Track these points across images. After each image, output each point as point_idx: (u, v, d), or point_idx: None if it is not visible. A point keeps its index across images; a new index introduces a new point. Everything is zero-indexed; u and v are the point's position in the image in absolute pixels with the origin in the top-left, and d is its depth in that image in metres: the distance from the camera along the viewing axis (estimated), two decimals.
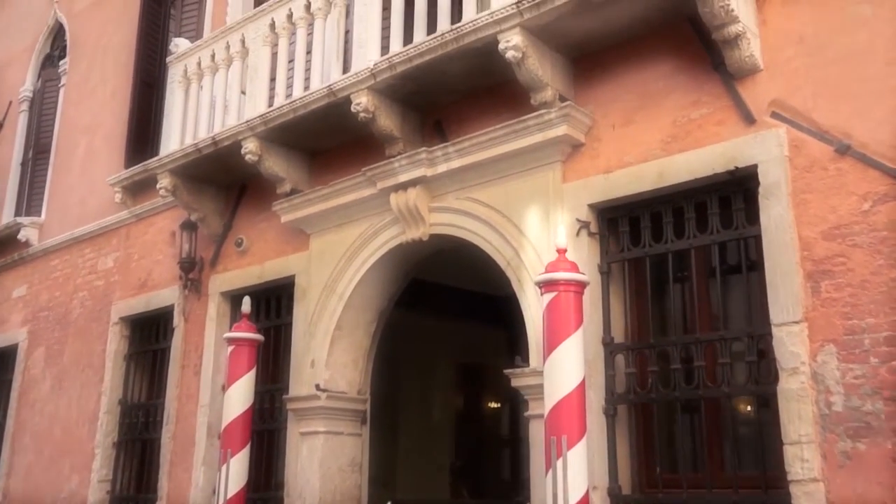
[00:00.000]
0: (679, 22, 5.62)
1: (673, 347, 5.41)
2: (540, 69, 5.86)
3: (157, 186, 8.50)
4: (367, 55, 6.71)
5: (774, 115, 5.16)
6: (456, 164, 6.46)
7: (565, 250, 5.27)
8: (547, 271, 5.21)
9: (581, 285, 5.19)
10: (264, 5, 7.89)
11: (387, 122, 6.76)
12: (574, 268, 5.20)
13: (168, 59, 8.85)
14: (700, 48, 5.55)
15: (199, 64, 8.40)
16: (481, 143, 6.27)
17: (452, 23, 6.24)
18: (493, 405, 11.45)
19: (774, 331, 4.84)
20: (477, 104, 6.68)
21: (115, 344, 9.93)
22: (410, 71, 6.42)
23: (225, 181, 8.58)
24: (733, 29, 5.12)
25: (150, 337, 9.73)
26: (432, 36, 6.19)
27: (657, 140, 5.62)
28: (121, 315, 9.95)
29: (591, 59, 6.05)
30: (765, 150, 5.10)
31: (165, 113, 8.92)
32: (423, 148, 6.61)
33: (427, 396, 10.82)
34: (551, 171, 6.06)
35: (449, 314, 9.79)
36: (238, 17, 9.21)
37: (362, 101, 6.64)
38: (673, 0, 5.42)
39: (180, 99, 8.56)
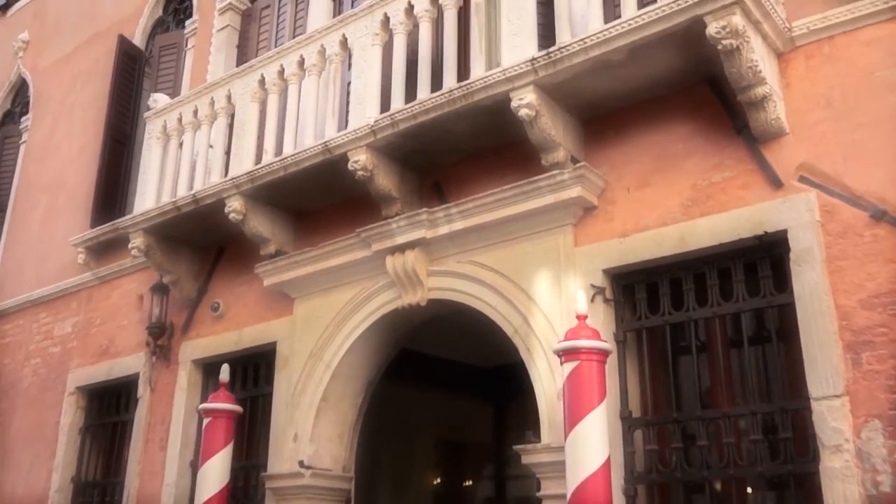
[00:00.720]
0: (697, 83, 5.48)
1: (698, 422, 5.08)
2: (553, 128, 5.64)
3: (130, 246, 8.01)
4: (367, 112, 6.44)
5: (803, 179, 4.99)
6: (459, 225, 6.16)
7: (586, 316, 4.96)
8: (567, 339, 4.88)
9: (604, 354, 4.87)
10: (254, 61, 7.61)
11: (385, 181, 6.46)
12: (596, 335, 4.89)
13: (146, 114, 8.46)
14: (719, 110, 5.40)
15: (179, 119, 8.03)
16: (487, 205, 5.99)
17: (458, 80, 6.02)
18: (473, 483, 10.91)
19: (814, 405, 4.56)
20: (479, 165, 6.43)
21: (69, 416, 9.24)
22: (413, 129, 6.15)
23: (202, 242, 8.13)
24: (760, 91, 4.98)
25: (109, 408, 9.07)
26: (439, 92, 5.94)
27: (676, 203, 5.40)
28: (78, 384, 9.28)
29: (603, 119, 5.86)
30: (795, 214, 4.90)
31: (141, 170, 8.48)
32: (424, 209, 6.30)
33: (405, 475, 10.24)
34: (562, 235, 5.78)
35: (431, 385, 9.33)
36: (220, 73, 8.95)
37: (361, 159, 6.33)
38: (693, 60, 5.28)
39: (157, 155, 8.15)
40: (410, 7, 6.48)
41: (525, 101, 5.51)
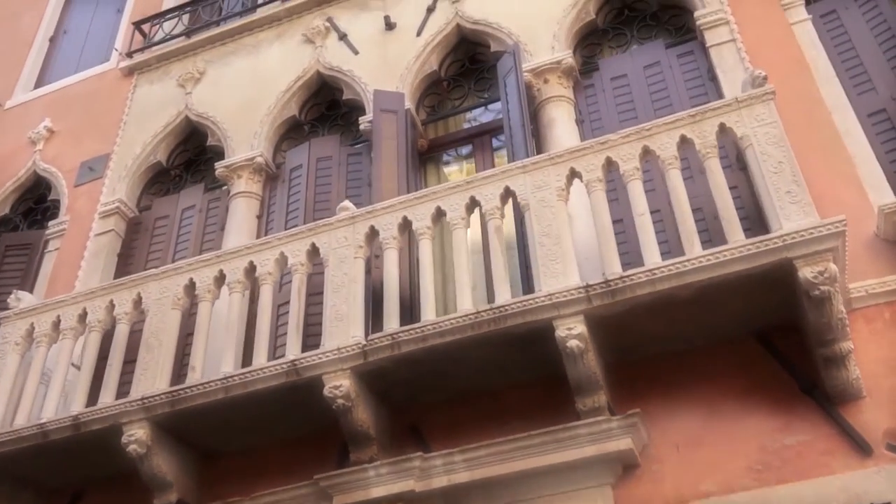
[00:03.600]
0: (748, 336, 5.04)
1: None
2: (596, 366, 4.89)
3: None
4: (350, 331, 5.34)
5: (890, 447, 4.51)
6: (462, 477, 5.00)
7: None
8: None
9: None
10: (180, 263, 6.33)
11: (364, 415, 5.25)
12: None
13: (3, 313, 6.68)
14: (775, 367, 4.95)
15: (56, 324, 6.38)
16: (504, 453, 4.95)
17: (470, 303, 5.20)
18: None
19: None
20: (473, 407, 5.43)
21: None
22: (418, 353, 5.13)
23: (56, 483, 6.16)
24: (845, 346, 4.60)
25: None
26: (462, 313, 5.04)
27: (743, 467, 4.70)
28: None
29: (641, 363, 5.19)
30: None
31: None
32: (418, 453, 5.10)
33: None
34: (600, 497, 4.80)
35: None
36: (94, 280, 7.48)
37: (342, 385, 5.13)
38: (761, 306, 4.87)
39: (13, 364, 6.32)
40: (406, 224, 5.73)
41: (575, 331, 4.77)
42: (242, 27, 9.22)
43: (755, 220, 5.43)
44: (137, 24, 9.86)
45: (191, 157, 8.77)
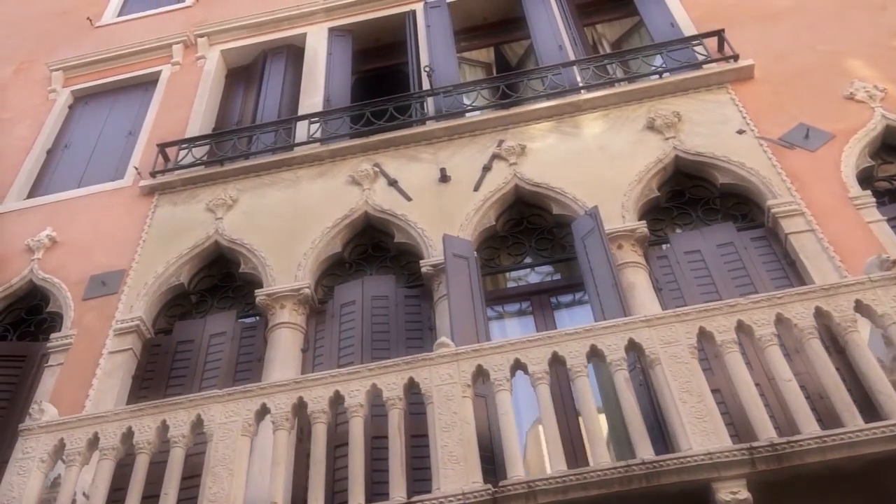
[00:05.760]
0: None
1: None
2: None
3: None
4: (469, 475, 4.87)
5: None
6: None
7: None
8: None
9: None
10: (252, 387, 5.75)
11: None
12: None
13: (24, 424, 5.81)
14: None
15: (93, 442, 5.58)
16: None
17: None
18: None
19: None
20: None
21: None
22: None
23: None
24: None
25: None
26: (609, 466, 4.68)
27: None
28: None
29: None
30: None
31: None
32: None
33: None
34: None
35: None
36: (108, 401, 6.72)
37: None
38: None
39: (36, 487, 5.43)
40: (518, 366, 5.42)
41: (741, 496, 4.47)
42: (280, 162, 9.07)
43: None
44: (162, 147, 9.54)
45: (216, 282, 8.26)
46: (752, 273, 6.82)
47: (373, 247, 8.23)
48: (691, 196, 7.84)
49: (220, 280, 8.30)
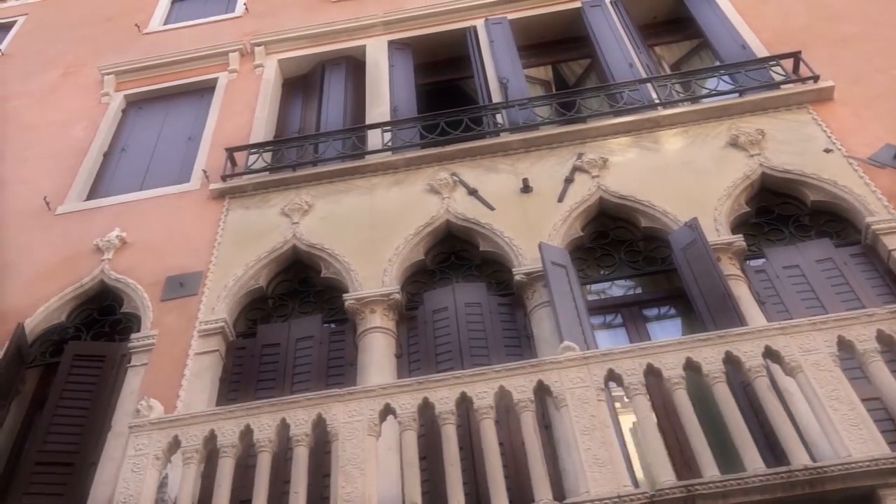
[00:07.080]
0: None
1: None
2: None
3: None
4: (618, 478, 4.76)
5: None
6: None
7: None
8: None
9: None
10: (373, 386, 5.64)
11: None
12: None
13: (134, 421, 5.64)
14: None
15: (209, 438, 5.42)
16: None
17: None
18: None
19: None
20: None
21: None
22: None
23: None
24: None
25: None
26: (772, 471, 4.60)
27: None
28: None
29: None
30: None
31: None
32: None
33: None
34: None
35: None
36: (199, 402, 6.57)
37: None
38: None
39: (152, 485, 5.26)
40: (651, 370, 5.33)
41: None
42: (353, 169, 9.00)
43: None
44: (231, 151, 9.43)
45: (295, 286, 8.13)
46: (855, 288, 6.79)
47: (454, 255, 8.14)
48: (780, 213, 7.81)
49: (299, 284, 8.17)
